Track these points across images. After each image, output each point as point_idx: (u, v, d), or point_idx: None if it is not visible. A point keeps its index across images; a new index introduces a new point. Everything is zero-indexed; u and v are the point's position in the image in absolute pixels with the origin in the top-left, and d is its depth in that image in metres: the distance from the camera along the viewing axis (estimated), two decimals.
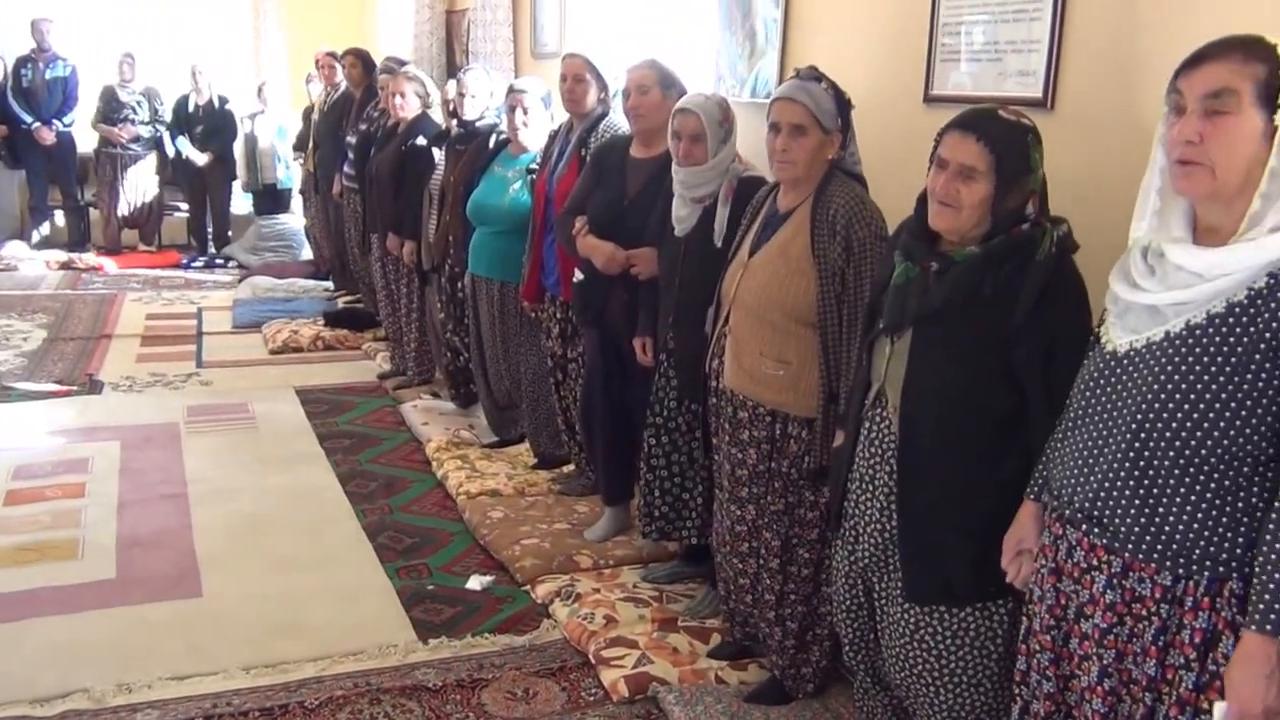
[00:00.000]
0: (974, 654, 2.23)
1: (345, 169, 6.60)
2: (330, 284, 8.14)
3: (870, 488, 2.34)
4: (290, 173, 9.17)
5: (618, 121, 3.86)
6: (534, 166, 4.24)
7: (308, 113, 8.36)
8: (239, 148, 9.23)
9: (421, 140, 5.22)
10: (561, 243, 3.80)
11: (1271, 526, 1.60)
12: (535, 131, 4.31)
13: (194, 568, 3.68)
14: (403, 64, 5.99)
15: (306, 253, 9.07)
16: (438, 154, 5.07)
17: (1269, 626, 1.57)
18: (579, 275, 3.68)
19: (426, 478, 4.58)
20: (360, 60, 6.77)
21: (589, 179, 3.71)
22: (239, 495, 4.31)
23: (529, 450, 4.72)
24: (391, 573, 3.68)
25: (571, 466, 4.45)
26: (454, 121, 4.95)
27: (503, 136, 4.52)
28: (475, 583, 3.63)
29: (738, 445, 2.82)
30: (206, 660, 3.10)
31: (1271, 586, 1.58)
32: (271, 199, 9.32)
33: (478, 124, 4.76)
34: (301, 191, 8.83)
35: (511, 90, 4.36)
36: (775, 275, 2.68)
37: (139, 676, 3.00)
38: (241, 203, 9.65)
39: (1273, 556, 1.58)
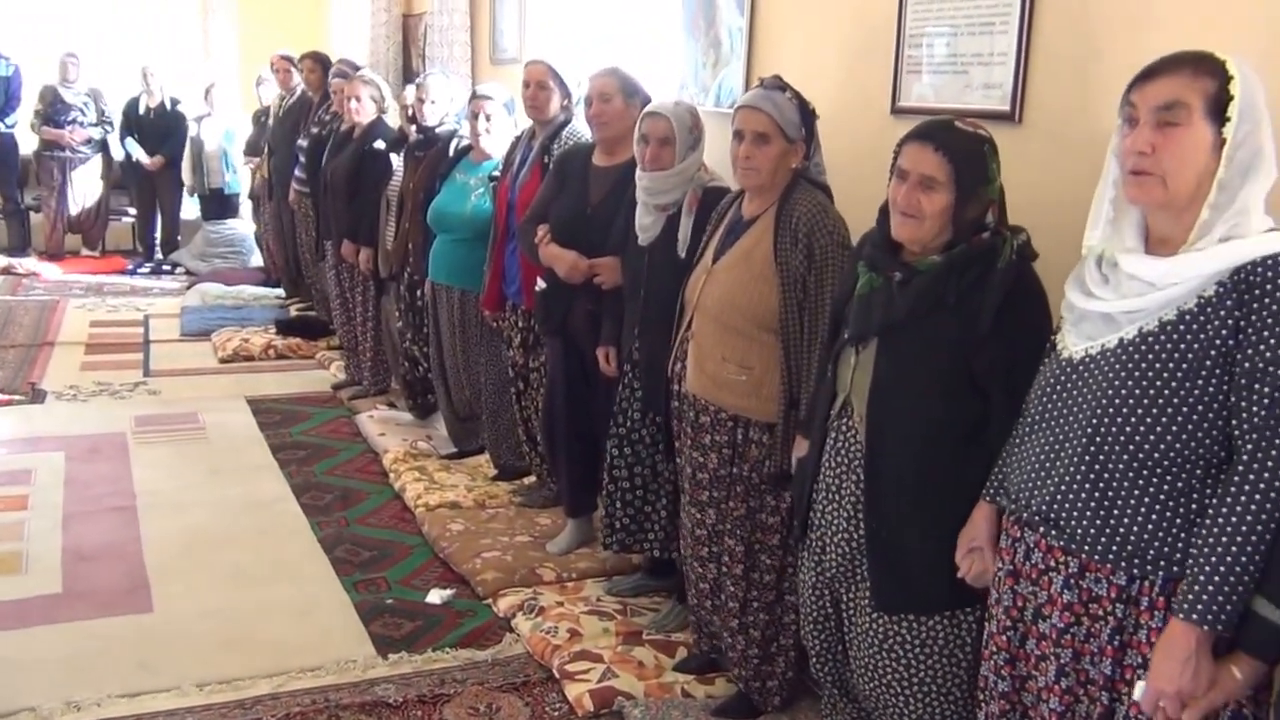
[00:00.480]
0: (943, 662, 2.30)
1: (297, 174, 6.61)
2: (282, 291, 8.13)
3: (837, 498, 2.41)
4: (238, 177, 9.14)
5: (580, 129, 3.92)
6: (496, 174, 4.29)
7: (258, 116, 8.35)
8: (186, 152, 9.18)
9: (379, 145, 5.24)
10: (524, 251, 3.85)
11: (1206, 523, 1.70)
12: (497, 138, 4.36)
13: (144, 581, 3.69)
14: (356, 68, 6.02)
15: (257, 259, 9.05)
16: (395, 159, 5.10)
17: (1194, 616, 1.67)
18: (541, 284, 3.73)
19: (384, 489, 4.60)
20: (318, 64, 6.78)
21: (551, 187, 3.76)
22: (190, 507, 4.31)
23: (489, 461, 4.76)
24: (349, 586, 3.71)
25: (533, 478, 4.49)
26: (413, 127, 4.98)
27: (464, 143, 4.56)
28: (435, 596, 3.66)
29: (699, 449, 2.89)
30: (158, 677, 3.11)
31: (1201, 579, 1.67)
32: (219, 204, 9.28)
33: (438, 130, 4.80)
34: (252, 197, 8.81)
35: (474, 96, 4.41)
36: (738, 281, 2.76)
37: (88, 694, 3.00)
38: (189, 208, 9.60)
39: (1205, 550, 1.68)
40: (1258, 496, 1.65)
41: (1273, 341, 1.65)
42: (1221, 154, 1.71)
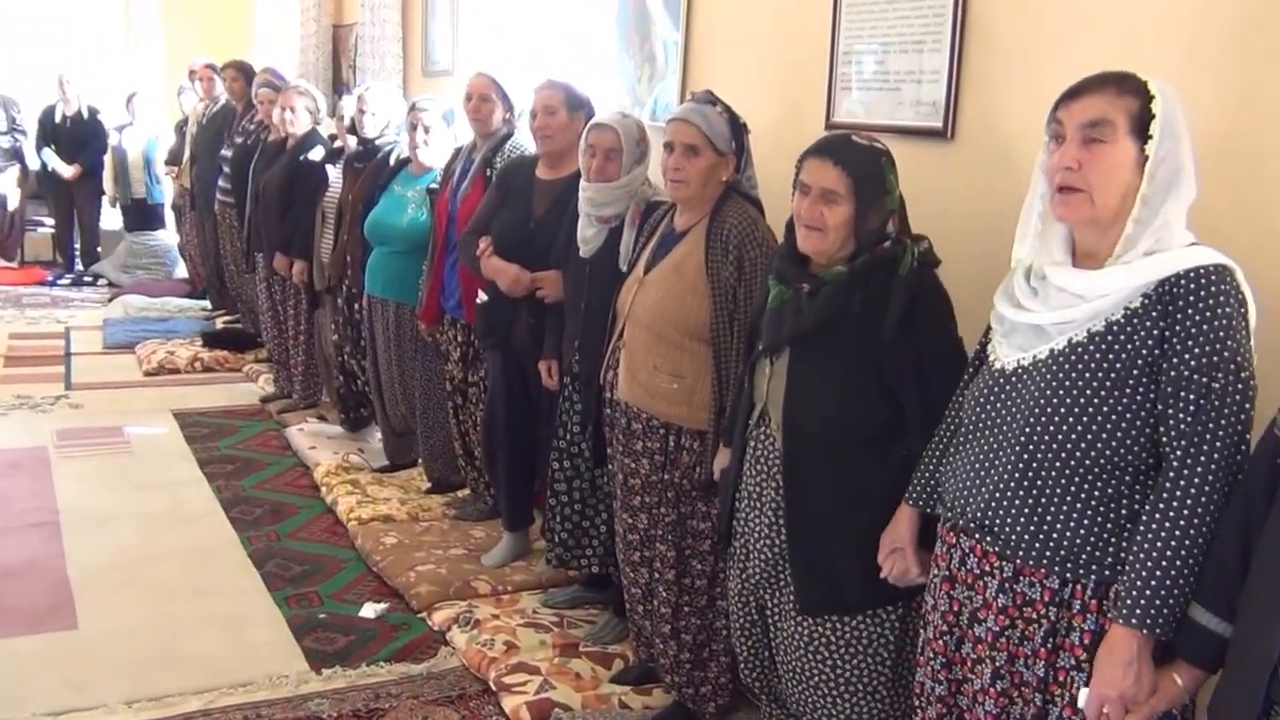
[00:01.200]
0: (867, 661, 2.36)
1: (221, 184, 6.54)
2: (207, 303, 8.02)
3: (758, 505, 2.46)
4: (162, 187, 9.00)
5: (523, 142, 3.93)
6: (434, 186, 4.28)
7: (180, 126, 8.24)
8: (107, 161, 9.03)
9: (314, 156, 5.20)
10: (465, 263, 3.84)
11: (1141, 529, 1.75)
12: (436, 150, 4.35)
13: (68, 598, 3.62)
14: (279, 77, 5.96)
15: (181, 270, 8.92)
16: (331, 171, 5.07)
17: (1134, 621, 1.72)
18: (483, 297, 3.72)
19: (315, 503, 4.56)
20: (242, 73, 6.73)
21: (494, 199, 3.76)
22: (115, 523, 4.24)
23: (422, 474, 4.74)
24: (280, 601, 3.67)
25: (467, 491, 4.48)
26: (352, 139, 4.95)
27: (403, 155, 4.54)
28: (369, 610, 3.63)
29: (631, 455, 2.92)
30: (85, 695, 3.05)
31: (1138, 584, 1.73)
32: (142, 215, 9.13)
33: (378, 141, 4.78)
34: (175, 207, 8.68)
35: (413, 108, 4.40)
36: (670, 292, 2.79)
37: (12, 713, 2.94)
38: (111, 218, 9.43)
39: (1140, 556, 1.73)
40: (1189, 502, 1.71)
41: (1196, 351, 1.71)
42: (1145, 170, 1.77)
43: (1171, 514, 1.72)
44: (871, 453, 2.30)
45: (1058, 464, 1.82)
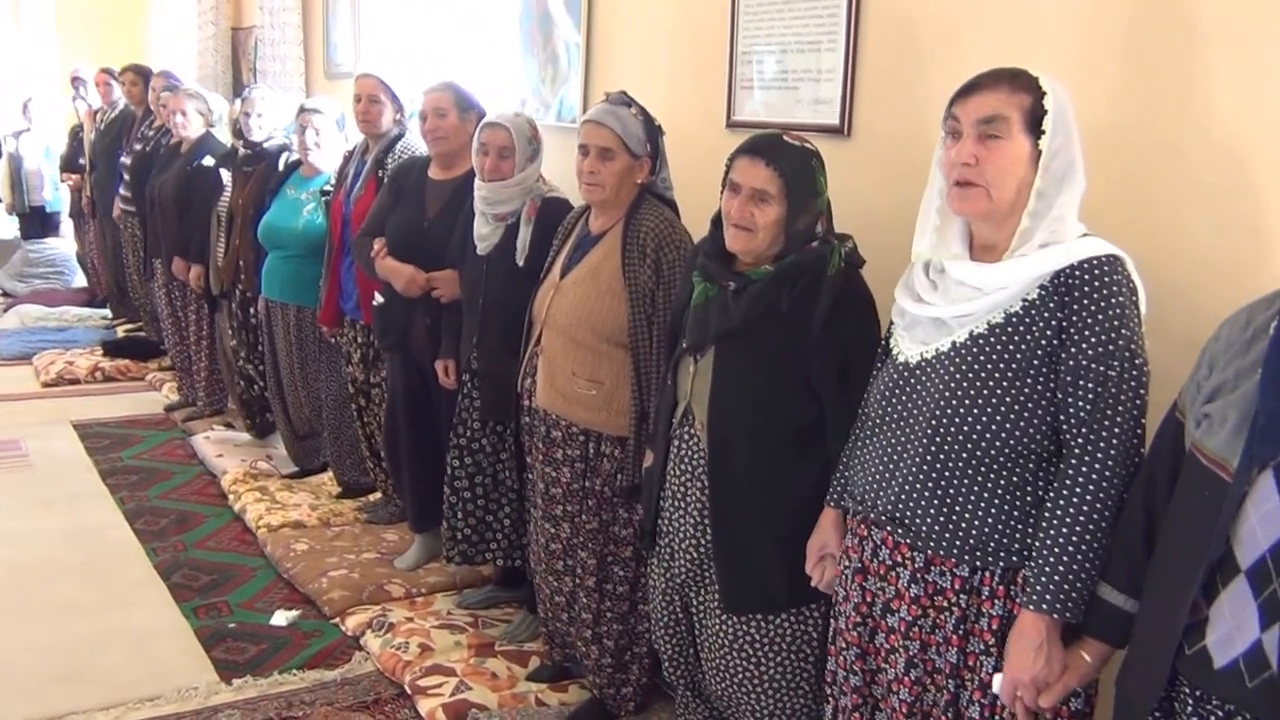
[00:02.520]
0: (791, 658, 2.34)
1: (121, 191, 6.34)
2: (108, 312, 7.77)
3: (683, 505, 2.43)
4: (59, 195, 8.70)
5: (415, 143, 3.86)
6: (328, 188, 4.19)
7: (75, 132, 7.98)
8: (2, 167, 8.70)
9: (208, 160, 5.07)
10: (360, 265, 3.76)
11: (1046, 516, 1.76)
12: (328, 153, 4.27)
13: None
14: (175, 80, 5.81)
15: (80, 279, 8.63)
16: (225, 175, 4.94)
17: (1044, 606, 1.74)
18: (379, 298, 3.66)
19: (223, 512, 4.44)
20: (141, 77, 6.53)
21: (387, 200, 3.69)
22: (13, 539, 4.06)
23: (332, 479, 4.64)
24: (188, 612, 3.56)
25: (378, 494, 4.40)
26: (240, 142, 4.83)
27: (294, 158, 4.45)
28: (280, 618, 3.54)
29: (551, 464, 2.86)
30: None
31: (1046, 569, 1.74)
32: (39, 222, 8.82)
33: (266, 144, 4.68)
34: (72, 215, 8.40)
35: (302, 110, 4.31)
36: (586, 296, 2.75)
37: None
38: (6, 226, 9.08)
39: (1046, 542, 1.75)
40: (1091, 487, 1.72)
41: (1093, 339, 1.73)
42: (1039, 165, 1.78)
43: (1075, 499, 1.73)
44: (796, 451, 2.27)
45: (964, 454, 1.82)
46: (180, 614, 3.55)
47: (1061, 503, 1.75)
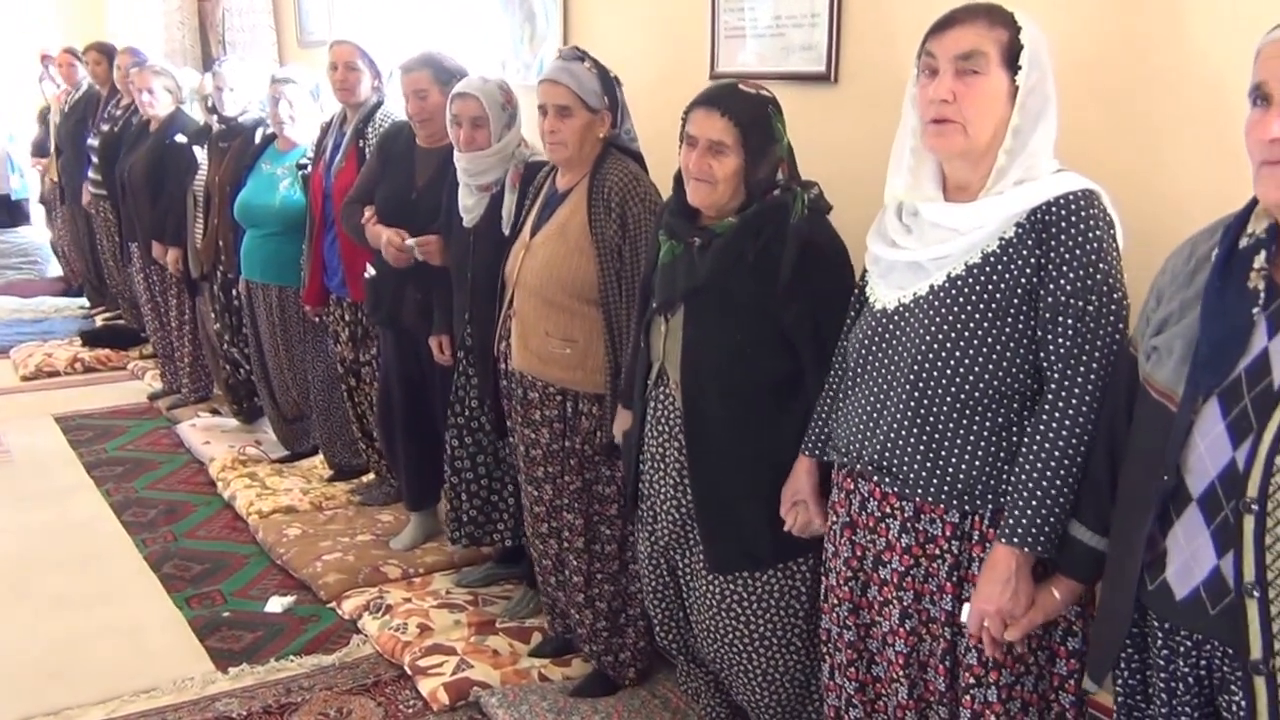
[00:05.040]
0: (781, 614, 2.42)
1: (90, 174, 6.38)
2: (85, 301, 7.84)
3: (662, 466, 2.49)
4: (26, 182, 8.75)
5: (395, 110, 3.88)
6: (305, 161, 4.21)
7: (44, 115, 8.01)
8: None
9: (180, 138, 5.09)
10: (348, 233, 3.78)
11: (1023, 451, 1.82)
12: (303, 125, 4.28)
13: None
14: (140, 56, 5.82)
15: (55, 268, 8.69)
16: (199, 152, 4.97)
17: (1015, 540, 1.80)
18: (371, 271, 3.68)
19: (212, 500, 4.51)
20: (105, 55, 6.52)
21: (374, 169, 3.72)
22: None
23: (323, 462, 4.70)
24: (181, 603, 3.63)
25: (371, 475, 4.46)
26: (214, 118, 4.86)
27: (269, 131, 4.47)
28: (275, 605, 3.61)
29: (530, 426, 2.93)
30: None
31: (1020, 504, 1.80)
32: (7, 211, 8.88)
33: (240, 119, 4.69)
34: (43, 202, 8.45)
35: (274, 81, 4.31)
36: (555, 254, 2.80)
37: None
38: None
39: (1022, 477, 1.81)
40: (1067, 423, 1.78)
41: (1071, 276, 1.78)
42: (1015, 101, 1.82)
43: (1051, 434, 1.79)
44: (772, 406, 2.32)
45: (948, 399, 1.87)
46: (173, 605, 3.62)
47: (1039, 438, 1.80)
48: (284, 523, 4.13)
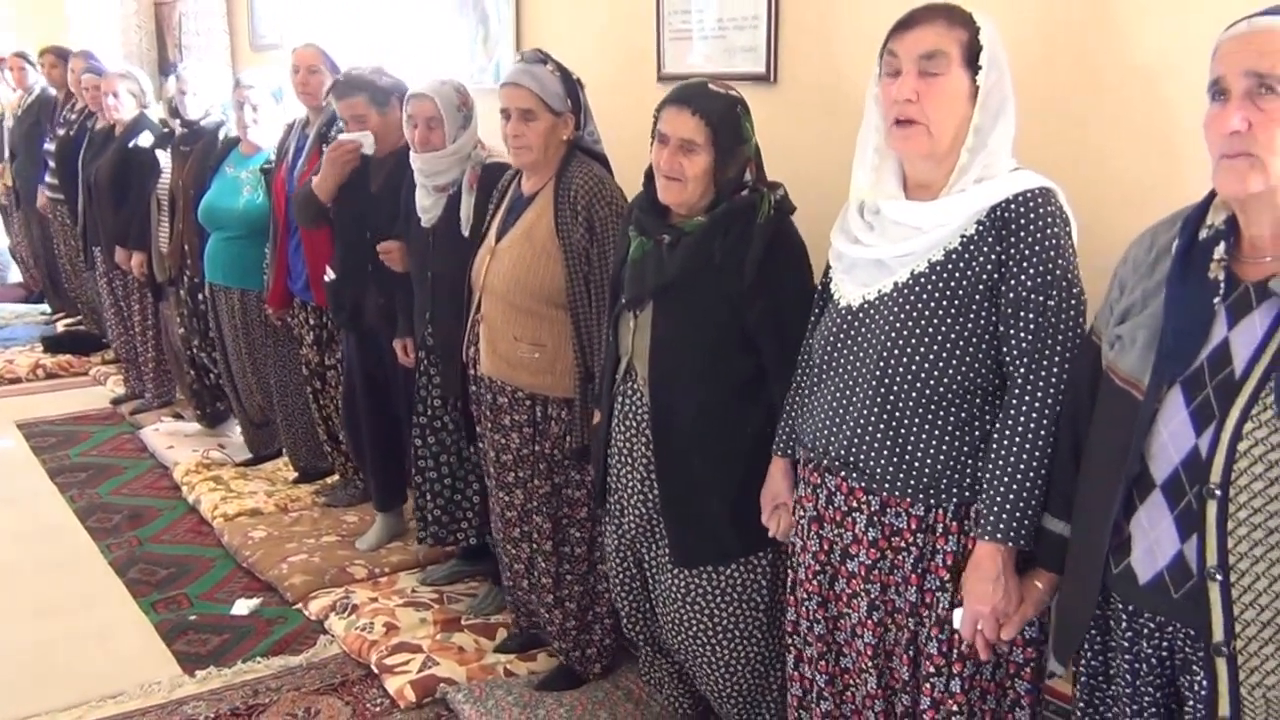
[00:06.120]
0: (743, 607, 2.41)
1: (46, 179, 6.26)
2: (46, 307, 7.69)
3: (629, 460, 2.48)
4: None
5: None
6: (268, 165, 4.16)
7: None
8: None
9: (143, 142, 5.01)
10: (301, 223, 3.75)
11: (994, 449, 1.82)
12: (266, 128, 4.22)
13: None
14: (95, 60, 5.73)
15: (15, 274, 8.52)
16: (163, 157, 4.89)
17: (998, 536, 1.80)
18: (330, 274, 3.65)
19: (177, 504, 4.44)
20: (60, 59, 6.44)
21: None
22: None
23: (288, 464, 4.65)
24: (147, 607, 3.57)
25: (336, 477, 4.41)
26: (176, 121, 4.78)
27: (232, 134, 4.41)
28: (242, 607, 3.56)
29: (500, 431, 2.90)
30: None
31: (998, 500, 1.80)
32: None
33: (203, 122, 4.63)
34: (0, 207, 8.29)
35: (237, 85, 4.26)
36: (522, 259, 2.77)
37: None
38: None
39: (995, 473, 1.81)
40: (1034, 415, 1.78)
41: (1031, 271, 1.78)
42: (976, 100, 1.81)
43: (1020, 429, 1.79)
44: (737, 402, 2.32)
45: (913, 394, 1.87)
46: (139, 609, 3.56)
47: (1007, 433, 1.80)
48: (249, 525, 4.08)
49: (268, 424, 4.70)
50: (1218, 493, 1.43)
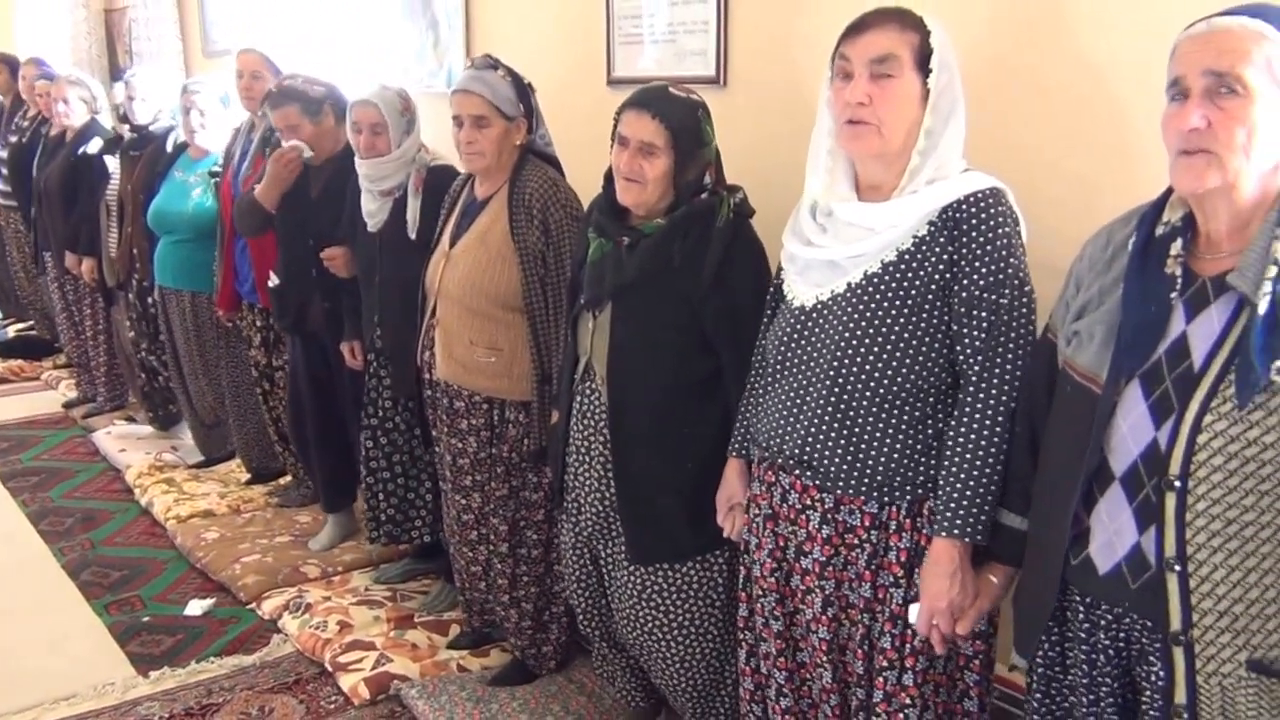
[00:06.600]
0: (698, 604, 2.35)
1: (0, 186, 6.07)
2: None
3: (587, 459, 2.41)
4: None
5: None
6: (217, 169, 4.05)
7: None
8: None
9: (91, 148, 4.86)
10: (241, 230, 3.67)
11: (948, 445, 1.78)
12: (214, 132, 4.12)
13: None
14: (45, 66, 5.56)
15: None
16: (111, 162, 4.75)
17: (955, 531, 1.75)
18: (274, 280, 3.56)
19: (130, 507, 4.30)
20: (8, 66, 6.26)
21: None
22: None
23: (240, 466, 4.52)
24: (100, 609, 3.44)
25: (288, 478, 4.30)
26: (126, 126, 4.65)
27: (180, 139, 4.29)
28: (195, 608, 3.45)
29: (457, 435, 2.81)
30: None
31: (954, 496, 1.76)
32: None
33: (152, 127, 4.50)
34: None
35: (184, 90, 4.15)
36: (477, 263, 2.69)
37: None
38: None
39: (950, 470, 1.77)
40: (989, 413, 1.74)
41: (984, 270, 1.74)
42: (927, 103, 1.77)
43: (975, 426, 1.75)
44: (695, 403, 2.27)
45: (867, 393, 1.82)
46: (92, 612, 3.44)
47: (962, 430, 1.76)
48: (202, 527, 3.96)
49: (219, 425, 4.57)
50: (1177, 484, 1.40)
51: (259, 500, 4.23)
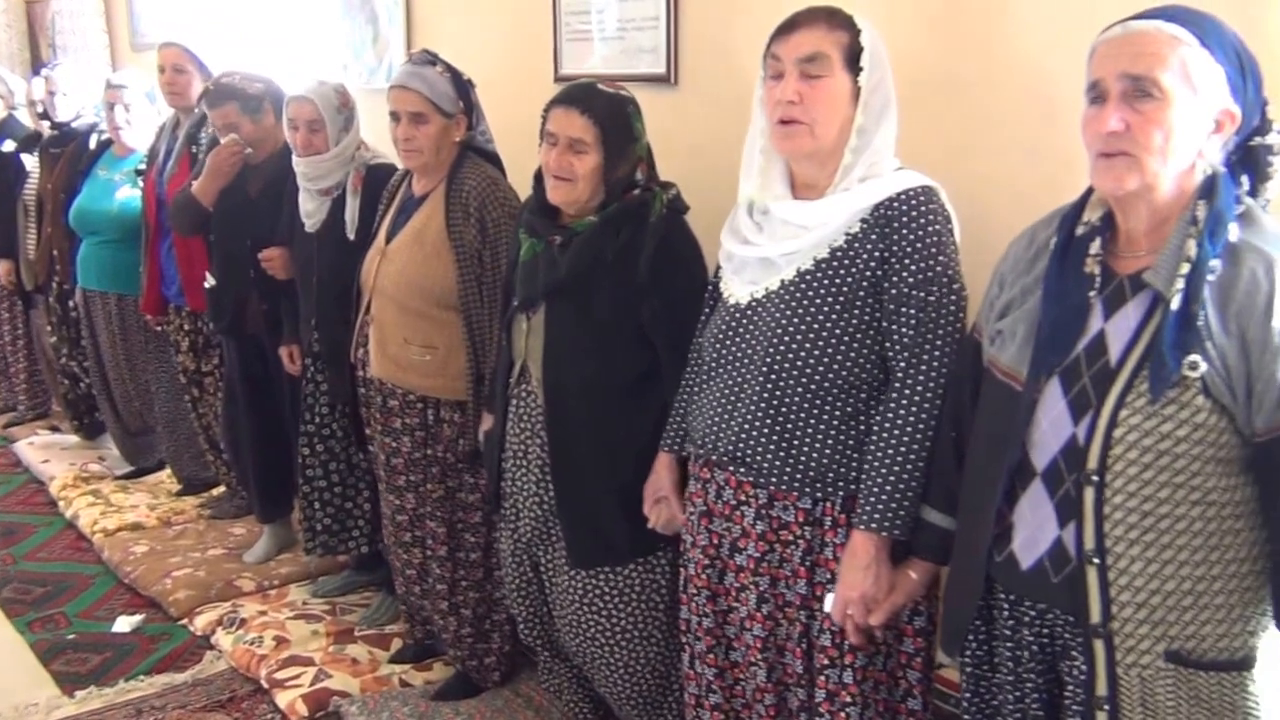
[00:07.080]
0: (641, 607, 2.41)
1: None
2: None
3: (524, 463, 2.47)
4: None
5: None
6: (142, 167, 4.06)
7: None
8: None
9: (8, 146, 4.85)
10: (177, 228, 3.68)
11: (874, 439, 1.87)
12: (140, 130, 4.14)
13: None
14: None
15: None
16: (29, 160, 4.74)
17: (873, 525, 1.84)
18: (210, 281, 3.57)
19: (54, 520, 4.31)
20: None
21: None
22: None
23: (171, 476, 4.54)
24: (22, 627, 3.45)
25: (221, 488, 4.32)
26: (45, 123, 4.65)
27: (104, 136, 4.31)
28: (123, 624, 3.46)
29: (391, 434, 2.86)
30: None
31: (875, 490, 1.84)
32: None
33: (74, 124, 4.51)
34: None
35: (109, 85, 4.17)
36: (413, 260, 2.74)
37: None
38: None
39: (874, 464, 1.85)
40: (913, 409, 1.82)
41: (913, 268, 1.82)
42: (859, 101, 1.86)
43: (900, 421, 1.83)
44: (631, 402, 2.33)
45: (799, 389, 1.89)
46: (14, 630, 3.44)
47: (888, 425, 1.84)
48: (131, 540, 3.97)
49: (146, 433, 4.58)
50: (1095, 479, 1.48)
51: (190, 512, 4.25)
